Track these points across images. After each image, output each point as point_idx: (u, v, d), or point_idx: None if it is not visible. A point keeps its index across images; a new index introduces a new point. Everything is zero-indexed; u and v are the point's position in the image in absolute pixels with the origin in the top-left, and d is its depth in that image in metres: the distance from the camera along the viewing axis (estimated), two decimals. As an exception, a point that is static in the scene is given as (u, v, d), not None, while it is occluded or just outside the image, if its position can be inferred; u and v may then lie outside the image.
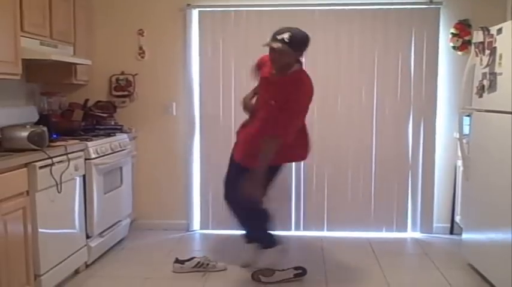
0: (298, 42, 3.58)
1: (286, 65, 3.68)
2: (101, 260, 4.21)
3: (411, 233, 5.01)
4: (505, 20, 3.96)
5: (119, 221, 4.60)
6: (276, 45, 3.53)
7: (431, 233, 4.97)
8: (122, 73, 5.06)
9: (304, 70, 3.80)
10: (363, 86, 4.91)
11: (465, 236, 4.15)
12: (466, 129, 4.15)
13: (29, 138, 3.35)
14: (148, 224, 5.11)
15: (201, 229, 5.16)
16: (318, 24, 4.76)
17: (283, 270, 3.85)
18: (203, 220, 5.15)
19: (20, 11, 3.63)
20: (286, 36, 3.53)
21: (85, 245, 3.96)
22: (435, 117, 4.88)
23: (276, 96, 3.68)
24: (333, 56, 4.90)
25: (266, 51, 3.69)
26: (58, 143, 3.72)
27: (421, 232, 5.00)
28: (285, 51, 3.54)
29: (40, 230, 3.33)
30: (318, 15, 4.81)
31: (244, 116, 4.81)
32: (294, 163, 4.89)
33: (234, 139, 4.93)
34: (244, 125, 4.11)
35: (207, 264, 4.00)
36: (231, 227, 5.01)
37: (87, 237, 4.01)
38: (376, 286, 3.77)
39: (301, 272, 3.86)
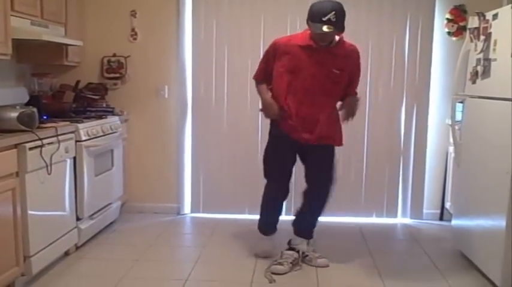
0: (343, 17, 3.57)
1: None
2: (91, 242, 4.20)
3: (401, 219, 5.03)
4: (500, 6, 3.92)
5: (110, 203, 4.58)
6: (329, 28, 3.49)
7: (421, 219, 4.99)
8: (114, 55, 5.00)
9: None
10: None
11: (455, 222, 4.16)
12: (458, 116, 4.14)
13: (19, 119, 3.31)
14: (139, 207, 5.10)
15: (191, 212, 5.15)
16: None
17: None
18: (194, 203, 5.14)
19: (10, -11, 3.57)
20: (332, 16, 3.50)
21: (75, 227, 3.94)
22: (428, 103, 4.88)
23: (339, 65, 3.70)
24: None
25: (256, 35, 3.60)
26: (48, 125, 3.68)
27: (411, 217, 5.02)
28: (334, 32, 3.56)
29: (30, 211, 3.30)
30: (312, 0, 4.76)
31: (240, 104, 4.82)
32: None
33: (226, 122, 4.96)
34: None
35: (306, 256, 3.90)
36: (221, 211, 5.05)
37: (78, 219, 3.99)
38: (366, 271, 3.78)
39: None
